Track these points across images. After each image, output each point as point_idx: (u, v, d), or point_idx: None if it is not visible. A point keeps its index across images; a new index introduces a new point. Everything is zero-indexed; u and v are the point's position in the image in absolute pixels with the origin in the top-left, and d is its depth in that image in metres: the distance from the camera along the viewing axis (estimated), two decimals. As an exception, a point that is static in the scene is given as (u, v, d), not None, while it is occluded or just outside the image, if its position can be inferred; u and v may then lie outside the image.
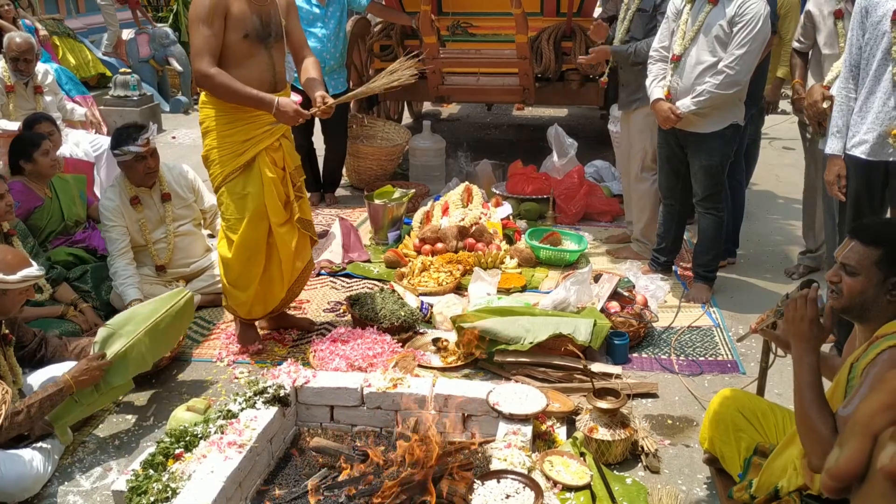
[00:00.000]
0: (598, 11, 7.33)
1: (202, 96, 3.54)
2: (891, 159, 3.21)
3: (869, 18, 3.18)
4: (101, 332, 3.15)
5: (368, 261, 4.96)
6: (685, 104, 3.99)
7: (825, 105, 3.57)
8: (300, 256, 3.77)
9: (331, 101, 3.42)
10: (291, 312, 4.13)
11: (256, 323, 3.91)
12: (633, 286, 4.25)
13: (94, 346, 3.13)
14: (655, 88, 4.16)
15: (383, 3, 6.51)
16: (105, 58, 9.51)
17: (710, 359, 3.77)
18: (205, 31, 3.34)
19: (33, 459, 2.79)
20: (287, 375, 3.12)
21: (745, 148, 4.80)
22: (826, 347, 3.61)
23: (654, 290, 4.30)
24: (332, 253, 4.89)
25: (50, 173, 4.34)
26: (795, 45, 4.35)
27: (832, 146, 3.36)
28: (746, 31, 3.81)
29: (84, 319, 3.81)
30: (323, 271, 4.75)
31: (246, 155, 3.50)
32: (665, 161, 4.41)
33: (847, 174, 3.33)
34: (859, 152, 3.27)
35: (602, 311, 3.89)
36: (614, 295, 4.10)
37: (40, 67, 5.38)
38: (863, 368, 1.65)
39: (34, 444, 2.87)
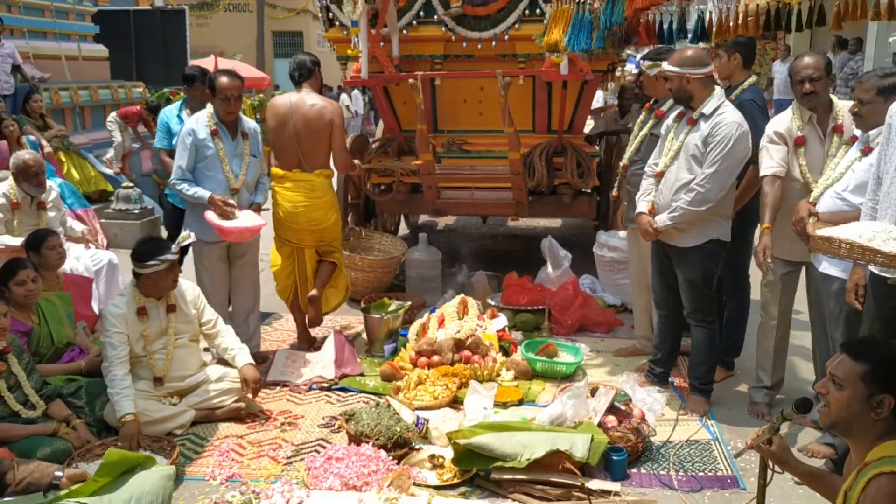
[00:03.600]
0: (589, 126, 7.62)
1: (318, 175, 4.97)
2: None
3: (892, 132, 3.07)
4: None
5: (362, 374, 4.94)
6: (662, 219, 4.17)
7: (811, 221, 3.56)
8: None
9: None
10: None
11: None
12: (630, 399, 4.23)
13: None
14: (641, 203, 4.37)
15: (381, 121, 6.75)
16: (107, 171, 9.72)
17: (709, 474, 3.72)
18: None
19: None
20: (281, 496, 3.08)
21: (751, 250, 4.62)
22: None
23: (650, 402, 4.28)
24: (324, 369, 4.89)
25: (57, 264, 4.69)
26: (773, 169, 3.89)
27: None
28: (717, 151, 3.98)
29: (77, 436, 3.75)
30: (314, 387, 4.75)
31: None
32: (657, 273, 4.50)
33: (866, 286, 3.16)
34: (871, 266, 3.07)
35: (599, 425, 3.87)
36: (611, 409, 4.07)
37: (43, 183, 5.48)
38: (856, 499, 1.65)
39: None
